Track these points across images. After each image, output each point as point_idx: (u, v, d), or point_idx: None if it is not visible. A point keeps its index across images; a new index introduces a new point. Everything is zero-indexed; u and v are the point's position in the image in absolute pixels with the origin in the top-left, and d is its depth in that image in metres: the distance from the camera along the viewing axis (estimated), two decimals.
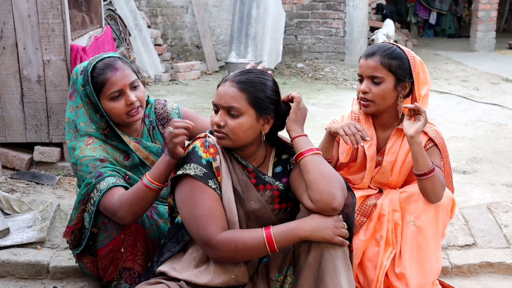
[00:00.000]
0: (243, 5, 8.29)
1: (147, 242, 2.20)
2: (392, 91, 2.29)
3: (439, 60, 10.14)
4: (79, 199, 2.20)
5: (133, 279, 2.18)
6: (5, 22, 3.35)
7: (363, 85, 2.31)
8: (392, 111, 2.36)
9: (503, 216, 3.11)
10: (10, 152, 3.58)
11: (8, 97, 3.46)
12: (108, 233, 2.15)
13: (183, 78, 8.14)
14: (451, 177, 2.49)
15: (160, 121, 2.44)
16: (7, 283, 2.61)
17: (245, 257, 1.86)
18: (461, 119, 5.70)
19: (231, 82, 1.91)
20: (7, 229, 2.80)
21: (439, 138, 2.33)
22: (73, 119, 2.29)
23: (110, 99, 2.21)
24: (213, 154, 1.93)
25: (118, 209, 2.05)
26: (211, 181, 1.89)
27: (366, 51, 2.36)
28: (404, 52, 2.32)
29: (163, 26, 9.35)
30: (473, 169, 4.10)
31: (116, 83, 2.20)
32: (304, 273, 1.84)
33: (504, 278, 2.73)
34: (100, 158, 2.19)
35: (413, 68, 2.30)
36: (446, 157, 2.39)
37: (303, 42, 9.25)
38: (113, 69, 2.21)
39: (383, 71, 2.27)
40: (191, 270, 1.92)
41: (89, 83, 2.21)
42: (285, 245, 1.82)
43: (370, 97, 2.29)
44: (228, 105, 1.88)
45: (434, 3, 14.55)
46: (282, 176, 2.03)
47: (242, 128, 1.88)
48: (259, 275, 1.96)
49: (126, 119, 2.24)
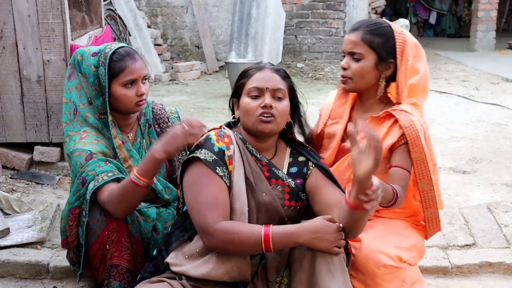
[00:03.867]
0: (243, 5, 8.29)
1: (131, 237, 2.21)
2: (373, 69, 2.14)
3: (439, 60, 10.13)
4: (69, 208, 2.24)
5: (121, 275, 2.18)
6: (5, 22, 3.35)
7: (343, 61, 2.20)
8: (374, 92, 2.21)
9: (503, 216, 3.11)
10: (10, 152, 3.58)
11: (8, 97, 3.46)
12: (92, 231, 2.16)
13: (183, 78, 8.14)
14: (437, 176, 2.28)
15: (156, 121, 2.47)
16: (7, 283, 2.61)
17: (239, 251, 1.84)
18: (461, 119, 5.70)
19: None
20: (7, 229, 2.80)
21: (412, 132, 2.09)
22: (73, 100, 2.31)
23: (123, 86, 2.25)
24: (227, 144, 1.96)
25: (109, 205, 2.09)
26: (219, 169, 1.90)
27: (351, 25, 2.25)
28: (393, 31, 2.16)
29: (163, 26, 9.36)
30: (473, 169, 4.10)
31: (134, 72, 2.25)
32: (298, 276, 1.83)
33: (504, 278, 2.73)
34: (90, 153, 2.20)
35: (398, 50, 2.14)
36: (421, 152, 2.10)
37: (303, 42, 9.25)
38: (133, 58, 2.27)
39: (364, 47, 2.13)
40: (191, 261, 1.91)
41: (105, 65, 2.23)
42: (280, 247, 1.81)
43: (349, 73, 2.16)
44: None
45: (434, 3, 14.55)
46: (297, 177, 2.04)
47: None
48: (258, 277, 1.96)
49: (132, 108, 2.29)
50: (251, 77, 2.00)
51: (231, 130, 2.04)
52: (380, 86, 2.18)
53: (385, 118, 2.16)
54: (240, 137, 2.02)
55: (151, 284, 1.90)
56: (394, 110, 2.14)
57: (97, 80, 2.27)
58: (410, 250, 2.15)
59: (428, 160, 2.13)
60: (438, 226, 2.29)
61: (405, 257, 2.10)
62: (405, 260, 2.09)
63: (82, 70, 2.31)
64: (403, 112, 2.12)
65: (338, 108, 2.30)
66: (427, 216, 2.24)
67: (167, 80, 8.07)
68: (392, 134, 2.12)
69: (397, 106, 2.16)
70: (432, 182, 2.16)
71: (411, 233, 2.24)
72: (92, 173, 2.15)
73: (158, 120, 2.47)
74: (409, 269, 2.12)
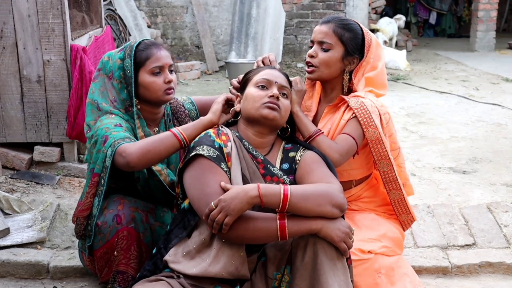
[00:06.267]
0: (243, 5, 8.29)
1: (141, 246, 2.19)
2: (338, 61, 2.26)
3: (439, 60, 10.14)
4: (91, 167, 2.20)
5: (126, 282, 2.18)
6: (5, 22, 3.35)
7: (311, 49, 2.29)
8: (337, 84, 2.32)
9: (503, 216, 3.11)
10: (10, 152, 3.58)
11: (8, 97, 3.46)
12: (101, 235, 2.16)
13: (183, 78, 8.13)
14: (402, 160, 2.41)
15: (174, 114, 2.48)
16: (7, 283, 2.61)
17: (254, 238, 1.83)
18: (461, 119, 5.70)
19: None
20: (7, 229, 2.80)
21: (362, 111, 2.17)
22: (95, 99, 2.31)
23: (151, 73, 2.27)
24: (225, 141, 1.98)
25: (133, 154, 2.02)
26: (223, 164, 1.92)
27: (323, 18, 2.36)
28: (362, 29, 2.30)
29: (163, 26, 9.36)
30: (473, 169, 4.10)
31: (160, 59, 2.28)
32: (300, 273, 1.84)
33: (504, 278, 2.73)
34: (119, 123, 2.20)
35: (367, 47, 2.28)
36: (376, 132, 2.18)
37: (303, 42, 9.25)
38: (158, 47, 2.31)
39: (334, 38, 2.25)
40: (189, 258, 1.91)
41: (131, 56, 2.26)
42: (296, 233, 1.81)
43: (316, 62, 2.26)
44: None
45: (434, 3, 14.55)
46: (289, 174, 2.04)
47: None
48: (257, 274, 1.96)
49: (162, 96, 2.28)
50: (260, 71, 2.08)
51: (228, 129, 2.06)
52: (344, 79, 2.30)
53: (339, 105, 2.28)
54: (237, 135, 2.04)
55: (150, 283, 1.90)
56: (347, 96, 2.26)
57: (123, 73, 2.28)
58: (379, 240, 2.19)
59: (385, 141, 2.21)
60: (407, 210, 2.35)
61: (369, 247, 2.14)
62: (369, 251, 2.13)
63: (107, 70, 2.32)
64: (355, 96, 2.23)
65: (306, 101, 2.40)
66: (391, 198, 2.32)
67: None
68: (345, 116, 2.23)
69: (352, 94, 2.28)
70: (391, 162, 2.25)
71: (380, 223, 2.29)
72: (116, 134, 2.12)
73: (176, 114, 2.48)
74: (383, 259, 2.15)
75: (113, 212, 2.16)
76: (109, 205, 2.20)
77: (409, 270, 2.25)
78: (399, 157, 2.40)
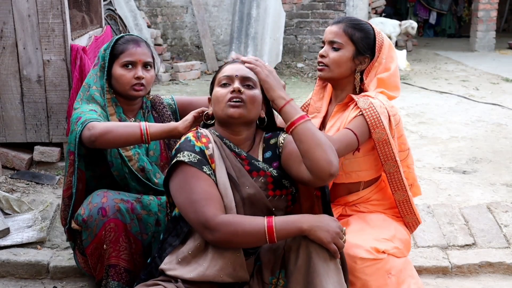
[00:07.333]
0: (243, 5, 8.29)
1: (129, 237, 2.21)
2: (349, 60, 2.25)
3: (439, 60, 10.14)
4: (68, 149, 2.29)
5: (119, 275, 2.19)
6: (5, 22, 3.35)
7: (322, 49, 2.29)
8: (348, 84, 2.31)
9: (503, 216, 3.11)
10: (10, 152, 3.58)
11: (8, 97, 3.46)
12: (89, 231, 2.17)
13: (183, 78, 8.13)
14: (411, 161, 2.40)
15: (153, 106, 2.54)
16: (7, 283, 2.61)
17: (243, 242, 1.83)
18: (461, 119, 5.70)
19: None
20: (7, 229, 2.80)
21: (371, 112, 2.16)
22: (89, 83, 2.40)
23: (122, 66, 2.35)
24: (206, 143, 1.95)
25: (96, 131, 2.13)
26: (206, 167, 1.89)
27: (335, 19, 2.36)
28: (374, 30, 2.29)
29: (163, 26, 9.35)
30: (473, 169, 4.10)
31: (133, 55, 2.36)
32: (294, 277, 1.83)
33: (504, 278, 2.73)
34: (91, 109, 2.29)
35: (377, 47, 2.26)
36: (383, 133, 2.17)
37: (303, 42, 9.25)
38: (136, 44, 2.39)
39: (344, 38, 2.25)
40: (185, 264, 1.90)
41: (109, 47, 2.37)
42: (284, 236, 1.81)
43: (327, 61, 2.26)
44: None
45: (434, 3, 14.54)
46: (273, 161, 2.03)
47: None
48: (254, 279, 1.96)
49: (129, 91, 2.36)
50: (222, 69, 2.03)
51: (207, 130, 2.03)
52: (355, 79, 2.29)
53: (349, 104, 2.27)
54: (217, 135, 2.01)
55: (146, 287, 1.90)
56: (356, 95, 2.24)
57: (103, 62, 2.37)
58: (391, 241, 2.18)
59: (392, 142, 2.19)
60: (412, 211, 2.33)
61: (384, 247, 2.12)
62: (383, 251, 2.11)
63: (99, 58, 2.43)
64: (364, 96, 2.21)
65: (316, 102, 2.40)
66: (397, 199, 2.31)
67: (167, 80, 8.07)
68: (351, 114, 2.21)
69: (362, 93, 2.27)
70: (398, 164, 2.22)
71: (391, 224, 2.28)
72: (89, 115, 2.22)
73: (154, 105, 2.54)
74: (394, 260, 2.13)
75: (98, 206, 2.17)
76: (93, 199, 2.21)
77: (414, 272, 2.24)
78: (408, 158, 2.39)
